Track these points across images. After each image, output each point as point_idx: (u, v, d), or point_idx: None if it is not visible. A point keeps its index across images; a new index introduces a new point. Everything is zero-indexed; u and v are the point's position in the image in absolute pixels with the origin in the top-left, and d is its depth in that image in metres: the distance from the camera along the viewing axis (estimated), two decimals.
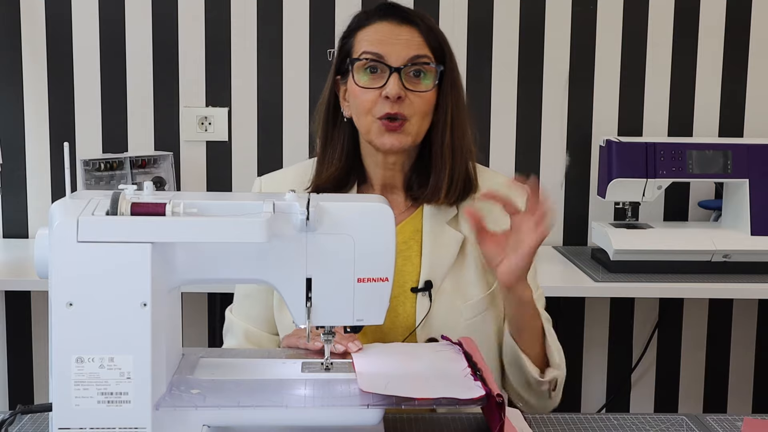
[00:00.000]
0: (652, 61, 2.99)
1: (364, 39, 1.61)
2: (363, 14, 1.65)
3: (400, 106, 1.57)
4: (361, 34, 1.61)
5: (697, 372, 3.13)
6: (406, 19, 1.60)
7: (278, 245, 1.24)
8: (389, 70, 1.57)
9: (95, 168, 2.76)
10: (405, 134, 1.59)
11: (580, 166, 3.01)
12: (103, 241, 1.15)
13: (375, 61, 1.58)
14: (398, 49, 1.58)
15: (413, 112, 1.58)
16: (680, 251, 2.60)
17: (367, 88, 1.59)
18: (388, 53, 1.58)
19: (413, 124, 1.59)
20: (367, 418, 1.23)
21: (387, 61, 1.57)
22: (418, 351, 1.43)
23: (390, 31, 1.59)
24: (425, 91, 1.59)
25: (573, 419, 1.43)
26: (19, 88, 2.90)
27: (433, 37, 1.61)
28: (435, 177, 1.63)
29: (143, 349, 1.17)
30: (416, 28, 1.60)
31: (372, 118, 1.59)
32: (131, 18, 2.90)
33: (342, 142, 1.65)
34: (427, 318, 1.60)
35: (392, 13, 1.61)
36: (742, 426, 1.41)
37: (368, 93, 1.59)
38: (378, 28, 1.60)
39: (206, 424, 1.21)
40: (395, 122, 1.57)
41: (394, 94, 1.56)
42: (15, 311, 3.01)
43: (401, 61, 1.58)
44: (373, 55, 1.58)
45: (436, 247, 1.63)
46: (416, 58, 1.58)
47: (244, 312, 1.71)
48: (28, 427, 1.37)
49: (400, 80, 1.57)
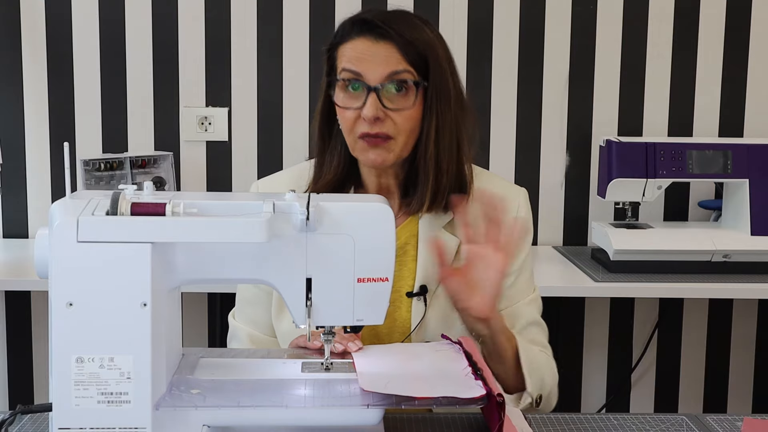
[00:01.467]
0: (652, 61, 2.99)
1: (343, 55, 1.57)
2: (344, 27, 1.60)
3: (380, 126, 1.54)
4: (342, 50, 1.58)
5: (697, 372, 3.13)
6: (382, 35, 1.55)
7: (278, 245, 1.24)
8: (366, 90, 1.54)
9: (95, 168, 2.76)
10: (388, 151, 1.57)
11: (580, 166, 3.02)
12: (103, 241, 1.15)
13: (353, 79, 1.55)
14: (374, 67, 1.54)
15: (397, 131, 1.56)
16: (680, 251, 2.60)
17: (346, 108, 1.57)
18: (365, 71, 1.54)
19: (398, 143, 1.56)
20: (367, 418, 1.23)
21: (364, 80, 1.54)
22: (418, 350, 1.43)
23: (367, 48, 1.55)
24: (406, 109, 1.55)
25: (573, 419, 1.43)
26: (19, 88, 2.90)
27: (413, 51, 1.55)
28: (420, 189, 1.61)
29: (143, 349, 1.17)
30: (393, 43, 1.54)
31: (354, 137, 1.57)
32: (131, 18, 2.90)
33: (339, 150, 1.63)
34: (422, 323, 1.60)
35: (369, 29, 1.56)
36: (742, 426, 1.41)
37: (348, 112, 1.56)
38: (355, 45, 1.56)
39: (206, 424, 1.21)
40: (377, 138, 1.55)
41: (370, 116, 1.53)
42: (15, 311, 3.01)
43: (378, 79, 1.54)
44: (351, 74, 1.55)
45: (431, 252, 1.62)
46: (394, 74, 1.54)
47: (247, 317, 1.70)
48: (28, 427, 1.37)
49: (379, 99, 1.53)
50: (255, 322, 1.69)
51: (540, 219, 3.00)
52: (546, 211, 3.01)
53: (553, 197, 3.02)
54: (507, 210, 1.65)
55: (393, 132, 1.56)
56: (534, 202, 2.95)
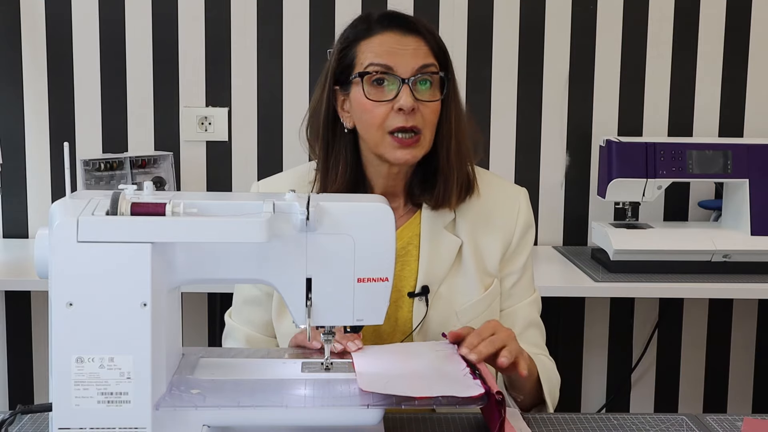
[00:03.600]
0: (652, 61, 2.99)
1: (368, 50, 1.56)
2: (363, 24, 1.60)
3: (414, 119, 1.55)
4: (365, 45, 1.57)
5: (697, 372, 3.13)
6: (410, 29, 1.57)
7: (278, 245, 1.24)
8: (399, 82, 1.54)
9: (95, 168, 2.76)
10: (420, 148, 1.57)
11: (580, 166, 3.02)
12: (103, 241, 1.15)
13: (384, 73, 1.55)
14: (407, 60, 1.54)
15: (424, 124, 1.56)
16: (680, 251, 2.60)
17: (377, 101, 1.55)
18: (397, 64, 1.54)
19: (426, 137, 1.57)
20: (367, 418, 1.23)
21: (396, 72, 1.54)
22: (417, 350, 1.43)
23: (396, 42, 1.56)
24: (434, 100, 1.57)
25: (573, 419, 1.43)
26: (19, 88, 2.90)
27: (437, 45, 1.59)
28: (444, 185, 1.61)
29: (143, 349, 1.17)
30: (421, 37, 1.57)
31: (383, 133, 1.56)
32: (131, 18, 2.90)
33: (345, 155, 1.62)
34: (423, 322, 1.61)
35: (396, 23, 1.57)
36: (742, 426, 1.41)
37: (379, 107, 1.55)
38: (383, 39, 1.56)
39: (206, 424, 1.21)
40: (410, 137, 1.55)
41: (408, 106, 1.53)
42: (15, 311, 3.01)
43: (410, 71, 1.54)
44: (381, 67, 1.55)
45: (433, 252, 1.63)
46: (424, 67, 1.55)
47: (244, 317, 1.70)
48: (28, 427, 1.37)
49: (411, 91, 1.54)
50: (253, 322, 1.69)
51: (540, 219, 2.99)
52: (546, 211, 3.01)
53: (553, 197, 3.02)
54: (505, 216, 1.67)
55: (421, 125, 1.56)
56: (534, 202, 2.95)
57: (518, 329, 1.62)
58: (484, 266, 1.65)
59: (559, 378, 1.65)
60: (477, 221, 1.65)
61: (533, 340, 1.66)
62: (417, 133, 1.56)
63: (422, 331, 1.60)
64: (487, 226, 1.66)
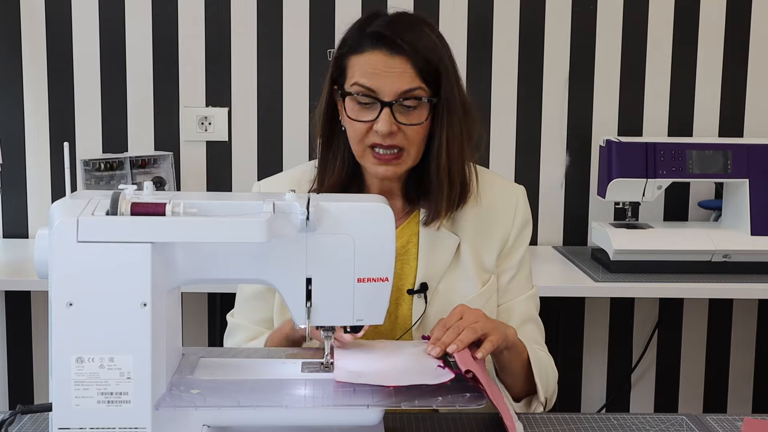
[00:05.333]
0: (652, 61, 2.99)
1: (357, 67, 1.56)
2: (357, 35, 1.58)
3: (392, 139, 1.55)
4: (354, 61, 1.57)
5: (697, 372, 3.13)
6: (396, 50, 1.54)
7: (278, 245, 1.24)
8: (380, 106, 1.54)
9: (95, 168, 2.76)
10: (402, 164, 1.58)
11: (580, 166, 3.01)
12: (103, 241, 1.15)
13: (365, 95, 1.55)
14: (390, 82, 1.53)
15: (409, 143, 1.57)
16: (680, 251, 2.60)
17: (358, 121, 1.56)
18: (380, 87, 1.54)
19: (410, 155, 1.58)
20: (367, 418, 1.23)
21: (378, 96, 1.54)
22: (396, 347, 1.43)
23: (382, 63, 1.54)
24: (416, 124, 1.56)
25: (573, 419, 1.43)
26: (19, 88, 2.90)
27: (425, 65, 1.55)
28: (434, 200, 1.62)
29: (143, 349, 1.17)
30: (407, 57, 1.54)
31: (364, 147, 1.58)
32: (131, 18, 2.90)
33: (342, 151, 1.63)
34: (422, 319, 1.62)
35: (384, 42, 1.55)
36: (742, 426, 1.41)
37: (360, 123, 1.56)
38: (370, 58, 1.55)
39: (206, 424, 1.21)
40: (390, 154, 1.56)
41: (384, 131, 1.54)
42: (15, 311, 3.01)
43: (393, 95, 1.54)
44: (364, 89, 1.54)
45: (432, 250, 1.64)
46: (408, 92, 1.54)
47: (247, 315, 1.70)
48: (28, 427, 1.37)
49: (392, 114, 1.54)
50: (255, 320, 1.69)
51: (540, 219, 3.00)
52: (546, 211, 3.01)
53: (553, 197, 3.02)
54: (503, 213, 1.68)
55: (405, 144, 1.57)
56: (534, 202, 2.95)
57: (515, 324, 1.62)
58: (482, 263, 1.66)
59: (557, 373, 1.65)
60: (475, 219, 1.66)
61: (530, 335, 1.66)
62: (401, 150, 1.57)
63: (421, 328, 1.62)
64: (484, 224, 1.67)
